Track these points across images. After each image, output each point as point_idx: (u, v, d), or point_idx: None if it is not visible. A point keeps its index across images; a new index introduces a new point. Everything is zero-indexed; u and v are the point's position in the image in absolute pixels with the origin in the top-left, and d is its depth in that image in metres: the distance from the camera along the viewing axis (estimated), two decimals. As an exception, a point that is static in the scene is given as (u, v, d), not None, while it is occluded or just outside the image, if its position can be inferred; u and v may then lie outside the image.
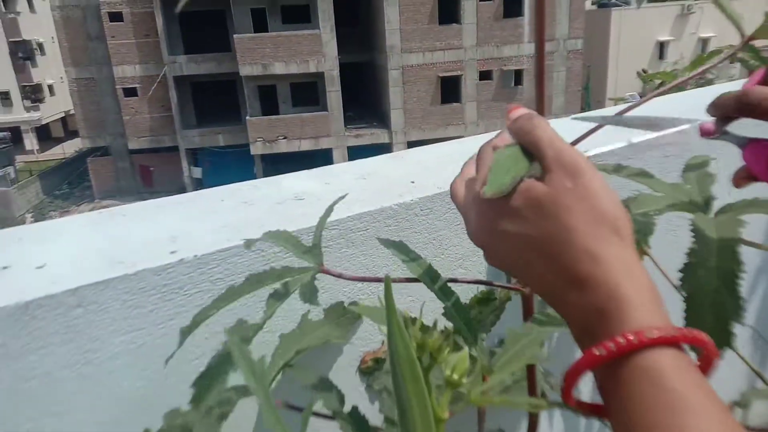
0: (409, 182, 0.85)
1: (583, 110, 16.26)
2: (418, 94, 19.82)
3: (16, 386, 0.59)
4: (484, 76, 20.00)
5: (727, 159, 1.09)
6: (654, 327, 0.33)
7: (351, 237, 0.75)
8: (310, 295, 0.64)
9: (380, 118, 21.19)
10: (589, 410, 0.39)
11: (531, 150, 0.40)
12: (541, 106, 0.58)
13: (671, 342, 0.33)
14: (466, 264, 0.86)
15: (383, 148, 18.04)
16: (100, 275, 0.61)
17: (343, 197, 0.68)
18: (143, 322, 0.64)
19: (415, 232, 0.81)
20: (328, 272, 0.62)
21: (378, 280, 0.71)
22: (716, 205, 0.61)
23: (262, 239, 0.64)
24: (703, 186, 0.61)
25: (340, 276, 0.64)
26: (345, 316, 0.75)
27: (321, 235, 0.63)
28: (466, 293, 0.69)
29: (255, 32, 18.88)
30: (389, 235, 0.78)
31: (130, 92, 20.52)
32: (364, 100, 22.44)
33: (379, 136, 19.90)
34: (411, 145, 17.67)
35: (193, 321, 0.54)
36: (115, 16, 19.73)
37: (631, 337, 0.33)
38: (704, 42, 23.78)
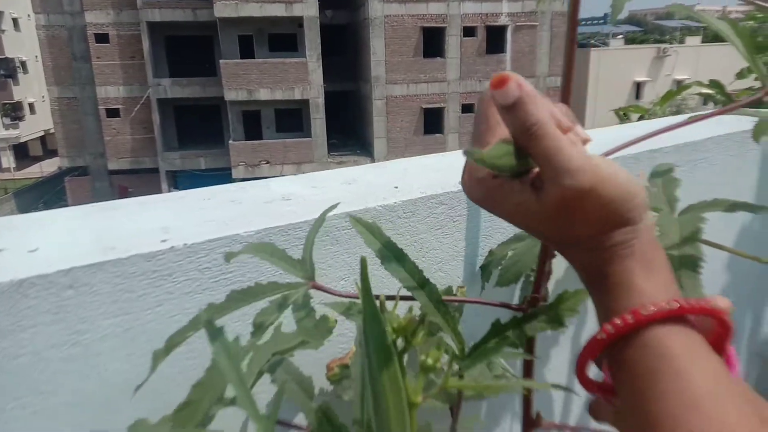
0: (392, 187, 0.89)
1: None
2: (401, 124, 20.11)
3: (4, 364, 0.60)
4: (467, 108, 20.40)
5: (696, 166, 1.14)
6: (652, 303, 0.33)
7: (336, 234, 0.78)
8: (306, 317, 0.59)
9: (363, 146, 21.40)
10: (598, 390, 0.39)
11: (531, 155, 0.37)
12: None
13: (671, 316, 0.33)
14: (446, 268, 0.90)
15: (365, 176, 18.18)
16: (92, 258, 0.63)
17: (335, 206, 0.68)
18: (132, 306, 0.66)
19: (397, 233, 0.84)
20: (320, 288, 0.61)
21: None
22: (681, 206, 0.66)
23: (245, 252, 0.63)
24: (668, 189, 0.66)
25: (331, 293, 0.62)
26: (318, 328, 0.65)
27: (312, 247, 0.62)
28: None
29: (242, 58, 19.07)
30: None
31: (113, 113, 20.46)
32: (349, 127, 22.66)
33: (361, 163, 20.04)
34: (393, 174, 17.87)
35: (168, 343, 0.53)
36: (102, 38, 19.79)
37: (629, 317, 0.33)
38: (679, 83, 24.61)
